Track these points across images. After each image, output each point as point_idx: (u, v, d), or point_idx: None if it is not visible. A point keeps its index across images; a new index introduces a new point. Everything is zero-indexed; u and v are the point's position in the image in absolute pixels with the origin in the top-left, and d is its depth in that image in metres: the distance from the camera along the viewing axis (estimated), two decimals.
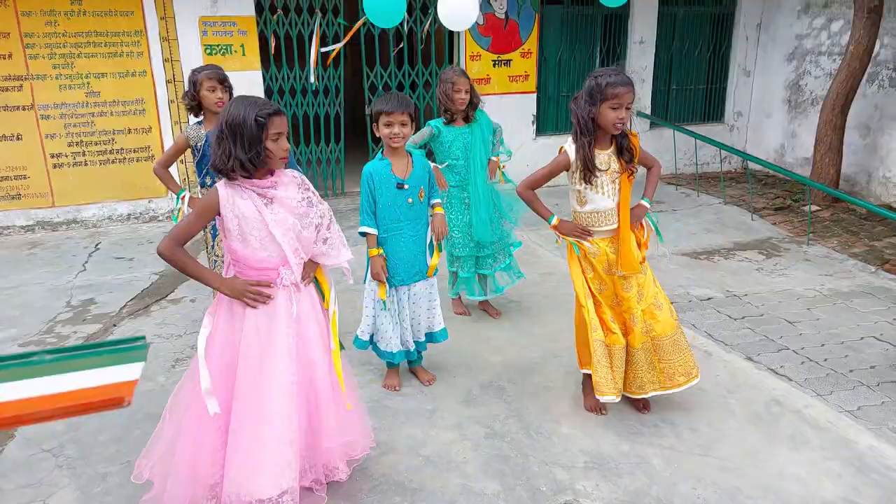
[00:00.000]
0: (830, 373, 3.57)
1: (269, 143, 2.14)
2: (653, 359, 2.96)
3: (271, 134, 2.14)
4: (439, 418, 3.09)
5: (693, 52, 8.41)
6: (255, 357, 2.22)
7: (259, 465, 2.20)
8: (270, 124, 2.13)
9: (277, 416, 2.21)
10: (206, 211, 2.19)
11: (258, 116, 2.10)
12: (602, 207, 2.85)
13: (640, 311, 2.93)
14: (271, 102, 2.19)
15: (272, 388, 2.21)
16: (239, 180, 2.16)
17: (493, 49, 7.45)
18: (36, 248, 5.80)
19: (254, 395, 2.20)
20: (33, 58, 6.03)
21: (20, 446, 2.90)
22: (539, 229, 6.11)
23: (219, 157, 2.12)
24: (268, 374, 2.21)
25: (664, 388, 2.99)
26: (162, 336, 3.99)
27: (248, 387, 2.21)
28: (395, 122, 2.98)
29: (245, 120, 2.09)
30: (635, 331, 2.92)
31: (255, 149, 2.11)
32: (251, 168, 2.13)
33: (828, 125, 6.76)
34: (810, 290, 4.77)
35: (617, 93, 2.67)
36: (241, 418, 2.21)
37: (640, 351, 2.93)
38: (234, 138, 2.10)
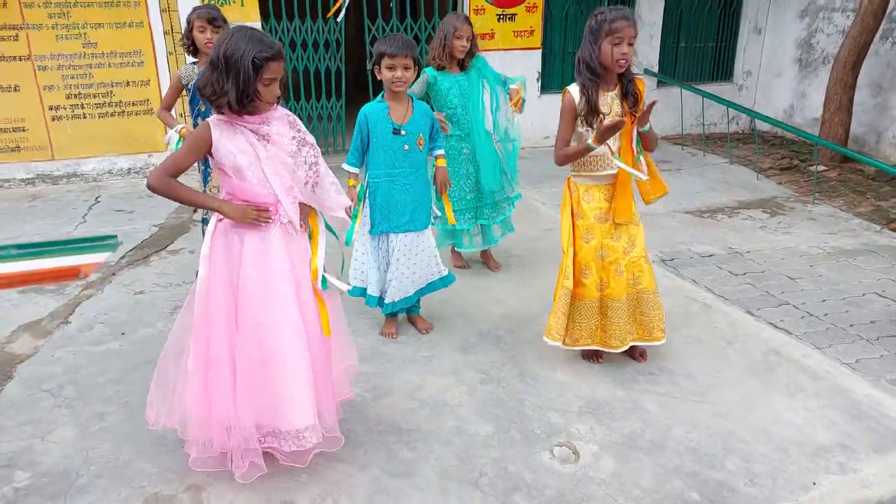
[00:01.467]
0: (830, 327, 3.55)
1: (260, 86, 2.07)
2: (635, 311, 2.95)
3: (265, 78, 2.07)
4: (436, 365, 3.10)
5: (703, 8, 8.20)
6: (257, 297, 2.19)
7: (274, 403, 2.20)
8: (266, 69, 2.05)
9: (286, 352, 2.19)
10: (198, 143, 2.13)
11: (255, 58, 2.02)
12: (601, 151, 2.79)
13: (626, 262, 2.89)
14: (272, 43, 2.09)
15: (276, 323, 2.19)
16: (231, 116, 2.12)
17: (497, 3, 7.27)
18: (36, 201, 5.79)
19: (258, 331, 2.19)
20: (28, 6, 5.91)
21: (19, 387, 2.92)
22: (541, 187, 6.06)
23: (209, 86, 2.06)
24: (270, 312, 2.19)
25: (643, 340, 3.00)
26: (161, 285, 3.99)
27: (252, 323, 2.19)
28: (398, 65, 2.91)
29: (242, 58, 2.02)
30: (619, 281, 2.88)
31: (246, 90, 2.05)
32: (237, 107, 2.08)
33: (838, 83, 6.62)
34: (814, 247, 4.73)
35: (617, 27, 2.59)
36: (248, 356, 2.19)
37: (623, 303, 2.89)
38: (228, 73, 2.03)
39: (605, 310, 2.92)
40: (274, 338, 2.19)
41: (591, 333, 2.95)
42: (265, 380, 2.20)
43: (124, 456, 2.46)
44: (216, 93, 2.06)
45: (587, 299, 2.90)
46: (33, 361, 3.13)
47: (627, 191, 2.83)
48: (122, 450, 2.49)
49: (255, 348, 2.19)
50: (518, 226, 4.80)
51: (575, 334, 2.96)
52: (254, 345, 2.19)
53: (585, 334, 2.95)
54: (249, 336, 2.19)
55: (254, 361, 2.19)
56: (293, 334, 2.21)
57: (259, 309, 2.19)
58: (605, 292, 2.91)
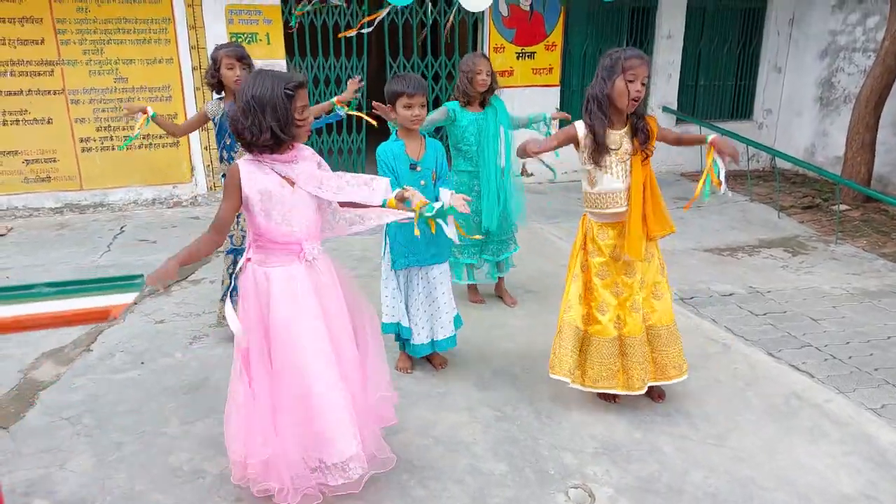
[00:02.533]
0: (854, 370, 3.49)
1: (296, 114, 2.15)
2: (647, 349, 2.90)
3: (298, 106, 2.15)
4: (450, 401, 3.09)
5: (722, 47, 8.27)
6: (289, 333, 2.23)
7: (318, 434, 2.24)
8: (297, 97, 2.14)
9: (322, 385, 2.23)
10: (232, 189, 2.19)
11: (287, 89, 2.11)
12: (609, 189, 2.79)
13: (640, 299, 2.88)
14: (294, 74, 2.20)
15: (309, 358, 2.23)
16: (261, 156, 2.18)
17: (517, 41, 7.41)
18: (64, 230, 5.93)
19: (293, 369, 2.23)
20: (65, 43, 6.15)
21: (40, 414, 2.96)
22: (558, 222, 6.07)
23: (248, 130, 2.12)
24: (302, 347, 2.23)
25: (655, 380, 2.94)
26: (181, 315, 4.04)
27: (286, 362, 2.23)
28: (416, 103, 2.97)
29: (274, 93, 2.10)
30: (635, 318, 2.85)
31: (288, 121, 2.13)
32: (283, 139, 2.15)
33: (860, 122, 6.60)
34: (837, 288, 4.67)
35: (631, 65, 2.63)
36: (286, 393, 2.23)
37: (640, 340, 2.86)
38: (264, 111, 2.10)
39: (625, 349, 2.88)
40: (309, 373, 2.23)
41: (612, 375, 2.89)
42: (305, 415, 2.24)
43: (139, 486, 2.47)
44: (255, 133, 2.12)
45: (605, 337, 2.87)
46: (55, 389, 3.17)
47: (636, 227, 2.79)
48: (138, 480, 2.51)
49: (292, 385, 2.23)
50: (534, 261, 4.82)
51: (594, 374, 2.90)
52: (290, 382, 2.24)
53: (605, 375, 2.89)
54: (285, 374, 2.24)
55: (292, 398, 2.24)
56: (327, 367, 2.25)
57: (291, 347, 2.23)
58: (624, 331, 2.88)
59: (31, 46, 6.08)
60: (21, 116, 6.20)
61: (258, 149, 2.17)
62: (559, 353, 2.93)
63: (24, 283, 0.95)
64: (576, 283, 2.94)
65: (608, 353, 2.88)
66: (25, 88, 6.15)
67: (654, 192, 2.84)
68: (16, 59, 6.07)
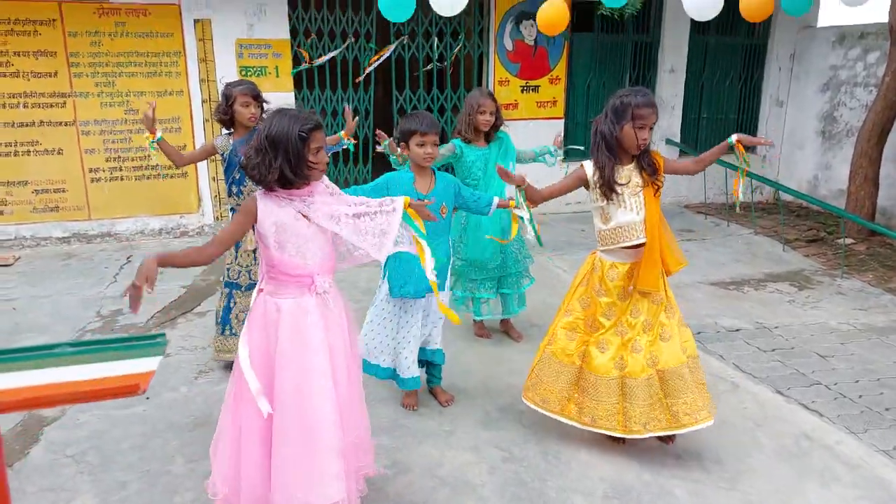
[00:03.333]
0: (865, 410, 3.45)
1: (310, 156, 2.18)
2: (659, 394, 2.81)
3: (312, 148, 2.18)
4: (456, 439, 3.06)
5: (724, 81, 8.36)
6: (293, 367, 2.22)
7: (308, 476, 2.20)
8: (312, 138, 2.17)
9: (323, 425, 2.21)
10: (245, 218, 2.22)
11: (301, 131, 2.13)
12: (625, 221, 2.80)
13: (645, 341, 2.84)
14: (311, 115, 2.22)
15: (314, 396, 2.21)
16: (277, 191, 2.20)
17: (521, 75, 7.50)
18: (70, 259, 5.95)
19: (296, 405, 2.21)
20: (77, 76, 6.25)
21: (44, 451, 2.94)
22: (563, 255, 6.08)
23: (259, 170, 2.15)
24: (307, 383, 2.22)
25: (669, 429, 2.81)
26: (186, 348, 4.03)
27: (289, 397, 2.21)
28: (428, 141, 3.00)
29: (289, 135, 2.13)
30: (636, 360, 2.81)
31: (299, 162, 2.15)
32: (294, 181, 2.17)
33: (863, 156, 6.64)
34: (844, 324, 4.65)
35: (642, 113, 2.66)
36: (285, 429, 2.21)
37: (643, 383, 2.79)
38: (277, 152, 2.13)
39: (625, 391, 2.83)
40: (311, 410, 2.21)
41: (611, 415, 2.83)
42: (301, 452, 2.21)
43: None
44: (264, 173, 2.15)
45: (604, 376, 2.84)
46: (59, 425, 3.15)
47: (655, 258, 2.79)
48: None
49: (292, 420, 2.21)
50: (538, 294, 4.81)
51: (592, 413, 2.86)
52: (290, 417, 2.21)
53: (603, 415, 2.83)
54: (286, 408, 2.22)
55: (290, 433, 2.21)
56: (329, 407, 2.23)
57: (296, 381, 2.22)
58: (625, 372, 2.84)
59: (45, 79, 6.18)
60: (32, 147, 6.27)
61: (269, 187, 2.19)
62: (534, 380, 3.01)
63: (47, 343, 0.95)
64: (567, 317, 2.96)
65: (606, 393, 2.83)
66: (37, 120, 6.23)
67: (665, 226, 2.86)
68: (29, 92, 6.16)
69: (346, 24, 6.88)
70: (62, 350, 0.88)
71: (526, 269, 4.15)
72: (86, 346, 0.91)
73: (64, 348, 0.88)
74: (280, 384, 2.22)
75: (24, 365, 0.84)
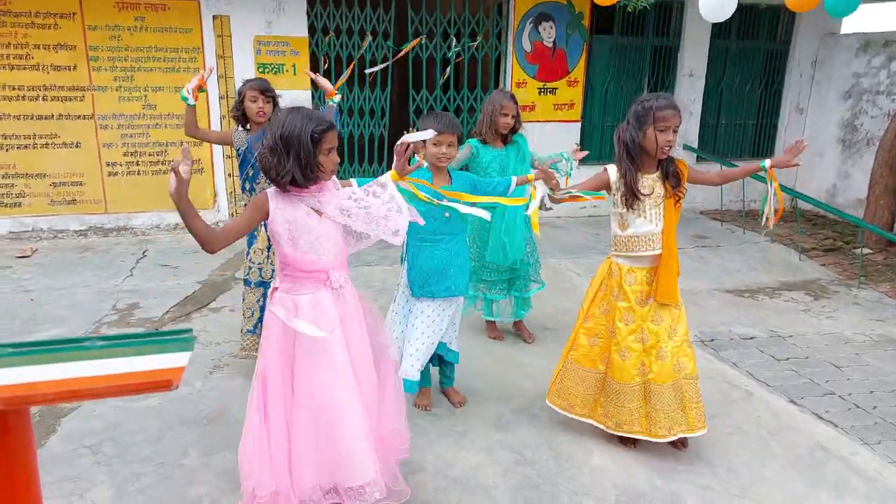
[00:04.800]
0: (879, 421, 3.42)
1: (321, 157, 2.19)
2: (683, 399, 2.85)
3: (324, 149, 2.19)
4: (469, 441, 3.06)
5: (744, 86, 8.30)
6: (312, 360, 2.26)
7: (336, 459, 2.25)
8: (324, 140, 2.18)
9: (343, 409, 2.25)
10: (255, 213, 2.23)
11: (314, 132, 2.14)
12: (642, 232, 2.79)
13: (670, 347, 2.84)
14: (324, 117, 2.23)
15: (331, 383, 2.25)
16: (289, 189, 2.22)
17: (539, 77, 7.49)
18: (87, 252, 6.01)
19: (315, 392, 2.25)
20: (96, 70, 6.31)
21: (62, 441, 2.97)
22: (577, 258, 6.06)
23: (273, 169, 2.17)
24: (325, 372, 2.25)
25: (692, 431, 2.88)
26: (201, 343, 4.06)
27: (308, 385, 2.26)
28: (444, 142, 2.99)
29: (301, 135, 2.14)
30: (663, 366, 2.82)
31: (310, 163, 2.16)
32: (303, 181, 2.18)
33: (884, 166, 6.57)
34: (859, 334, 4.60)
35: (664, 115, 2.65)
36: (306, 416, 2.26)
37: (669, 388, 2.83)
38: (289, 151, 2.14)
39: (650, 396, 2.85)
40: (331, 397, 2.26)
41: (635, 420, 2.87)
42: (325, 439, 2.26)
43: None
44: (280, 173, 2.16)
45: (627, 383, 2.85)
46: (76, 415, 3.19)
47: (672, 271, 2.80)
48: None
49: (313, 408, 2.25)
50: (552, 297, 4.81)
51: (617, 418, 2.90)
52: (311, 405, 2.26)
53: (627, 420, 2.87)
54: (306, 397, 2.26)
55: (312, 421, 2.26)
56: (349, 393, 2.27)
57: (315, 372, 2.26)
58: (649, 377, 2.85)
59: (64, 72, 6.24)
60: (51, 140, 6.34)
61: (283, 186, 2.21)
62: (559, 385, 3.04)
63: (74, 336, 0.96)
64: (587, 323, 2.95)
65: (630, 398, 2.86)
66: (56, 113, 6.30)
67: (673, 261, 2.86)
68: (48, 85, 6.23)
69: (364, 21, 6.90)
70: (92, 344, 0.89)
71: (536, 274, 4.14)
72: (115, 340, 0.92)
73: (94, 342, 0.90)
74: (299, 376, 2.26)
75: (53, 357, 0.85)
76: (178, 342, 0.87)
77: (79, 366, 0.81)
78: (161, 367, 0.80)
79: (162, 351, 0.84)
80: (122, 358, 0.83)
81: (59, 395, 0.76)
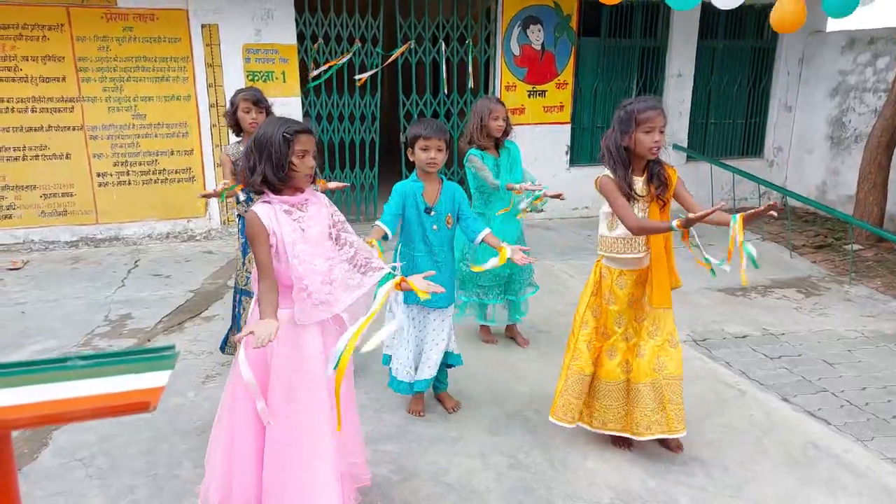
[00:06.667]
0: (871, 418, 3.44)
1: (294, 158, 2.17)
2: (663, 399, 2.84)
3: (297, 150, 2.17)
4: (463, 446, 3.06)
5: (732, 85, 8.35)
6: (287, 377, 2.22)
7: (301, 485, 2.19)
8: (296, 141, 2.16)
9: (316, 435, 2.21)
10: (258, 234, 2.17)
11: (285, 133, 2.14)
12: (630, 234, 2.79)
13: (650, 346, 2.85)
14: (301, 122, 2.23)
15: (307, 406, 2.21)
16: (270, 197, 2.21)
17: (528, 80, 7.51)
18: (79, 263, 5.99)
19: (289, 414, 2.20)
20: (85, 81, 6.30)
21: (53, 455, 2.96)
22: (569, 259, 6.07)
23: (247, 170, 2.18)
24: (301, 393, 2.21)
25: (671, 432, 2.86)
26: (194, 352, 4.05)
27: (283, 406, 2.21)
28: (432, 147, 3.00)
29: (272, 136, 2.14)
30: (640, 364, 2.84)
31: (280, 164, 2.15)
32: (276, 183, 2.17)
33: (872, 163, 6.61)
34: (851, 331, 4.62)
35: (648, 116, 2.65)
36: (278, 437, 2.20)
37: (647, 387, 2.84)
38: (261, 154, 2.15)
39: (631, 393, 2.89)
40: (306, 419, 2.21)
41: (619, 418, 2.90)
42: (294, 464, 2.20)
43: None
44: (250, 174, 2.17)
45: (612, 381, 2.88)
46: (68, 428, 3.17)
47: (664, 275, 2.79)
48: None
49: (285, 429, 2.20)
50: (545, 299, 4.82)
51: (601, 417, 2.93)
52: (284, 425, 2.20)
53: (612, 418, 2.91)
54: (279, 416, 2.21)
55: (283, 444, 2.20)
56: (323, 418, 2.22)
57: (290, 391, 2.21)
58: (630, 375, 2.88)
59: (53, 84, 6.23)
60: (41, 152, 6.32)
61: (257, 189, 2.20)
62: (563, 400, 2.96)
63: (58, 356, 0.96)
64: (585, 329, 2.94)
65: (615, 397, 2.89)
66: (46, 124, 6.28)
67: (671, 243, 2.85)
68: (37, 96, 6.21)
69: (353, 28, 6.91)
70: (73, 363, 0.89)
71: (530, 278, 4.16)
72: (96, 360, 0.92)
73: (75, 361, 0.90)
74: (274, 393, 2.21)
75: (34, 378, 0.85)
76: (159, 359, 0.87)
77: (58, 388, 0.81)
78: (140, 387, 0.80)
79: (142, 370, 0.84)
80: (103, 378, 0.83)
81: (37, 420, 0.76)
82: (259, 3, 6.51)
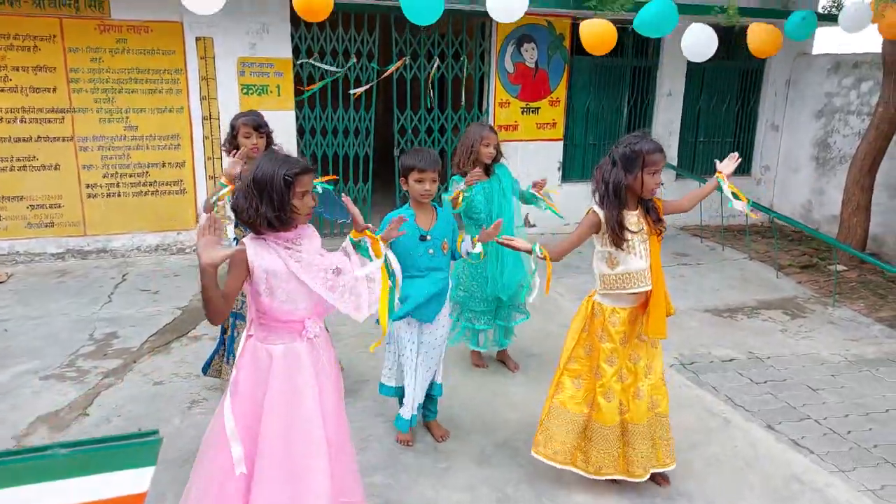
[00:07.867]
0: (853, 447, 3.48)
1: (295, 201, 2.18)
2: (654, 437, 2.90)
3: (298, 192, 2.18)
4: (451, 478, 3.07)
5: (721, 105, 8.44)
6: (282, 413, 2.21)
7: None
8: (297, 183, 2.16)
9: (312, 471, 2.20)
10: (239, 269, 2.18)
11: (286, 175, 2.13)
12: (634, 268, 2.78)
13: (647, 386, 2.88)
14: (300, 160, 2.21)
15: (303, 442, 2.20)
16: (265, 234, 2.21)
17: (521, 97, 7.55)
18: (65, 277, 5.93)
19: (284, 451, 2.20)
20: (77, 92, 6.26)
21: None
22: (561, 278, 6.10)
23: (245, 212, 2.17)
24: (297, 429, 2.21)
25: (663, 466, 2.95)
26: (180, 375, 4.03)
27: (277, 443, 2.20)
28: (427, 178, 3.02)
29: (273, 178, 2.13)
30: (639, 405, 2.86)
31: (282, 206, 2.15)
32: (277, 225, 2.18)
33: (856, 185, 6.71)
34: (835, 354, 4.69)
35: (655, 159, 2.68)
36: (272, 476, 2.19)
37: (644, 427, 2.87)
38: (262, 195, 2.14)
39: (627, 436, 2.88)
40: (300, 457, 2.21)
41: (614, 462, 2.89)
42: (288, 498, 2.20)
43: None
44: (252, 216, 2.16)
45: (609, 425, 2.87)
46: None
47: (661, 306, 2.79)
48: None
49: (279, 467, 2.19)
50: (536, 321, 4.82)
51: (597, 461, 2.90)
52: (278, 463, 2.20)
53: (608, 462, 2.89)
54: (273, 452, 2.20)
55: (277, 479, 2.19)
56: (319, 452, 2.22)
57: (285, 428, 2.21)
58: (626, 416, 2.88)
59: (44, 94, 6.18)
60: (29, 162, 6.27)
61: (257, 230, 2.20)
62: (546, 434, 2.97)
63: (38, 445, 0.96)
64: (572, 365, 2.94)
65: (611, 440, 2.88)
66: (35, 135, 6.23)
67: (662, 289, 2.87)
68: (27, 107, 6.16)
69: (348, 42, 6.91)
70: (53, 453, 0.89)
71: (521, 304, 4.17)
72: (77, 448, 0.92)
73: (55, 451, 0.90)
74: (267, 430, 2.20)
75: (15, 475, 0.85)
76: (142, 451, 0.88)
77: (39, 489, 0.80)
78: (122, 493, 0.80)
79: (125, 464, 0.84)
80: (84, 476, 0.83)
81: None
82: (254, 17, 6.51)
